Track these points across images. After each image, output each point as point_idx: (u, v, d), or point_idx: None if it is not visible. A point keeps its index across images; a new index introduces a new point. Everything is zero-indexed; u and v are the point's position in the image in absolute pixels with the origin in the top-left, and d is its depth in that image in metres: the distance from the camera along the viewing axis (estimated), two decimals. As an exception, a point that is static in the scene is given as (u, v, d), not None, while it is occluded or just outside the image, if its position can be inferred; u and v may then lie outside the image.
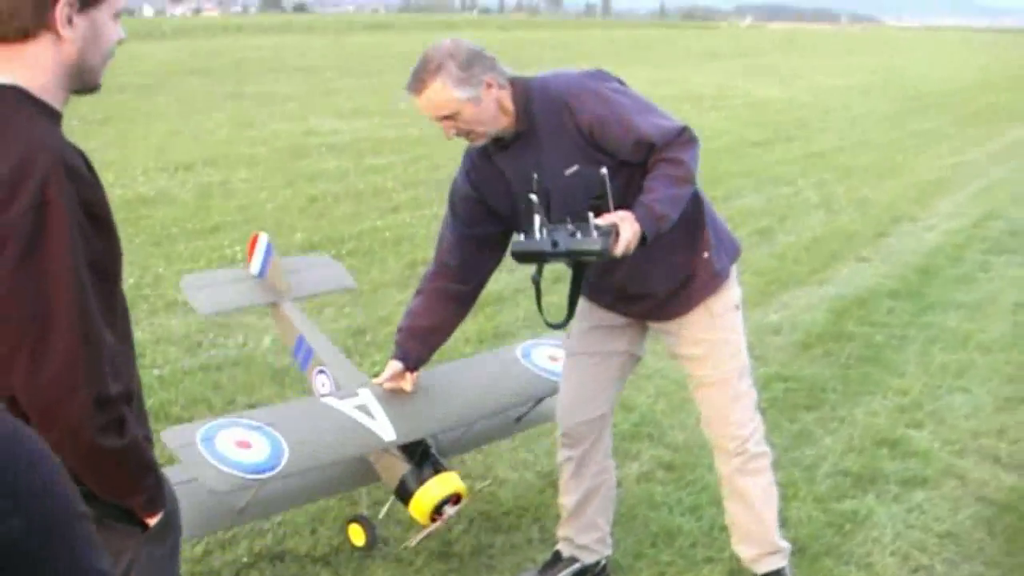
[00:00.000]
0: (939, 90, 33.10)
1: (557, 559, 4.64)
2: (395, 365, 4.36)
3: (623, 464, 5.63)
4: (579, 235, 3.57)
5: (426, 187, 13.02)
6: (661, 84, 28.46)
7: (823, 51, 60.45)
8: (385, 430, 4.24)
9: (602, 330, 4.39)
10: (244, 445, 3.95)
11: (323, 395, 4.82)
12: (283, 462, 3.93)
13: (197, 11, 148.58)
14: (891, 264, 10.32)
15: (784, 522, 4.80)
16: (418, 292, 4.39)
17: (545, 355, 5.00)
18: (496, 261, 4.35)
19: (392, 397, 4.39)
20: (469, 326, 7.28)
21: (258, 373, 6.93)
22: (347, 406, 4.32)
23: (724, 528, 4.74)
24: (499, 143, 3.99)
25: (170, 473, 4.16)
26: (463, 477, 4.67)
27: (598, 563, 4.64)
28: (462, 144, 4.01)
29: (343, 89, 24.70)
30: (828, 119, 23.28)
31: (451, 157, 14.27)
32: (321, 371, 5.15)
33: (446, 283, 4.28)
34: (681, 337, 4.32)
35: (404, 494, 4.46)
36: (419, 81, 3.81)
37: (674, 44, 57.11)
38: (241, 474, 3.83)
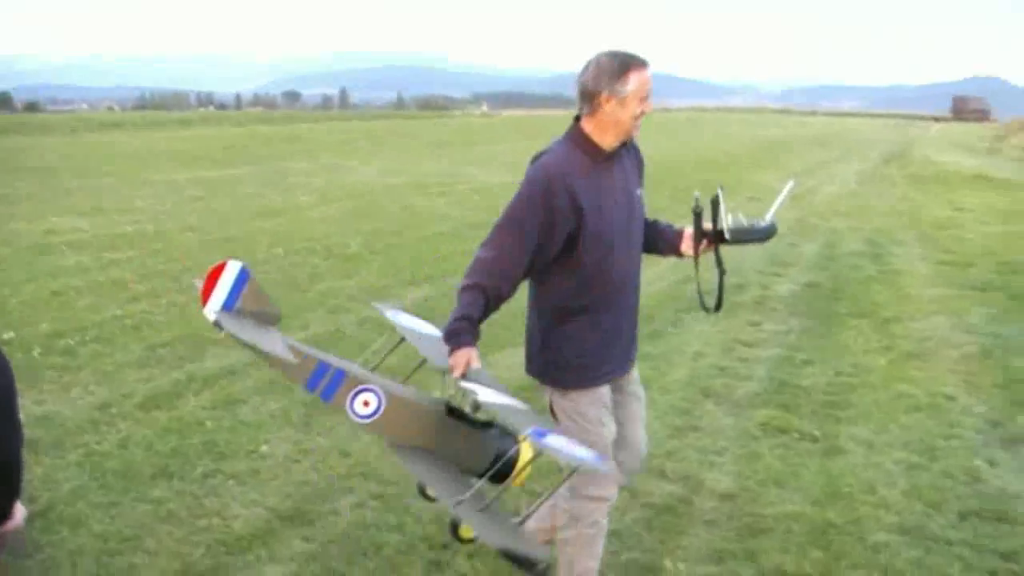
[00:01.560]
0: (659, 170, 35.10)
1: None
2: (473, 351, 4.63)
3: (340, 497, 6.67)
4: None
5: (162, 278, 13.62)
6: (391, 173, 29.48)
7: (554, 135, 62.73)
8: (521, 406, 4.61)
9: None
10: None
11: (367, 416, 4.73)
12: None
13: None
14: (590, 326, 11.40)
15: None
16: (474, 288, 4.73)
17: None
18: None
19: (477, 380, 4.65)
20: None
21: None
22: (492, 396, 4.58)
23: (424, 539, 6.02)
24: (604, 154, 4.88)
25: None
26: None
27: None
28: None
29: (81, 188, 24.80)
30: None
31: (186, 251, 15.09)
32: (363, 390, 4.73)
33: (498, 301, 4.79)
34: (635, 381, 5.42)
35: (506, 465, 4.85)
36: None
37: (409, 134, 58.30)
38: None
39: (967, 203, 25.38)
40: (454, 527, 5.27)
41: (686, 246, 5.20)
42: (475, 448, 4.92)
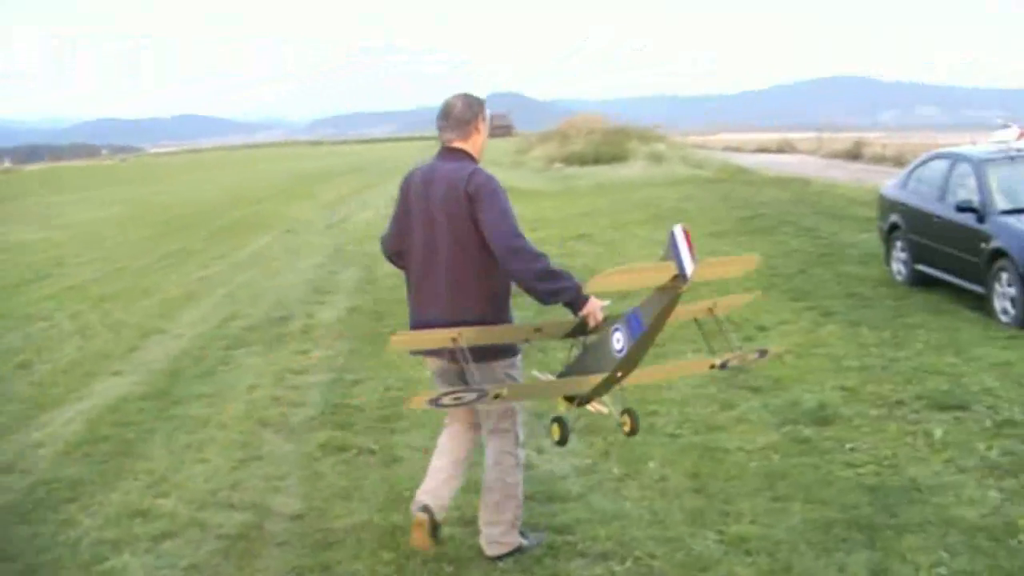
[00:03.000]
0: (192, 211, 34.93)
1: None
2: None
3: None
4: None
5: None
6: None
7: (83, 186, 61.11)
8: None
9: None
10: None
11: (620, 349, 5.41)
12: None
13: None
14: (141, 373, 11.44)
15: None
16: (544, 255, 5.59)
17: None
18: None
19: None
20: None
21: None
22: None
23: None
24: None
25: None
26: None
27: None
28: None
29: None
30: (84, 253, 24.04)
31: None
32: (616, 328, 5.46)
33: None
34: None
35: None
36: None
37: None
38: None
39: (495, 214, 26.46)
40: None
41: None
42: None
